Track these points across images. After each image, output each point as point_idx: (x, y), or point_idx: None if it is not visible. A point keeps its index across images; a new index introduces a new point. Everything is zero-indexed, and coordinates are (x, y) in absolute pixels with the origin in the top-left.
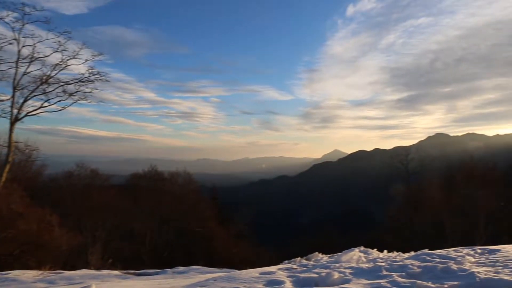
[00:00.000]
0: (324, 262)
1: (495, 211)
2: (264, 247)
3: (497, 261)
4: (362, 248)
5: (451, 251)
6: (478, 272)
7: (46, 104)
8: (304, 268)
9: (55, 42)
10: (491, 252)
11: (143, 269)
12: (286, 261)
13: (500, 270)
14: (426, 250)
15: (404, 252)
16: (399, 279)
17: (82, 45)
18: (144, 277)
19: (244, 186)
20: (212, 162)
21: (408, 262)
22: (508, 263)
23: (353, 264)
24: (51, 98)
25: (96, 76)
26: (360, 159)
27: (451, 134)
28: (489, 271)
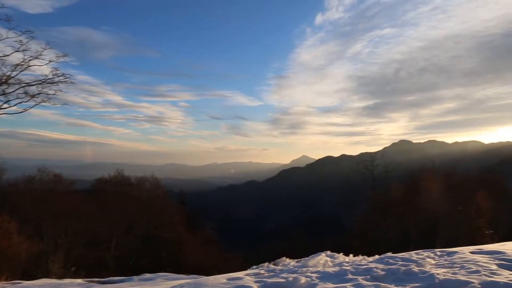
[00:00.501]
0: (292, 267)
1: (454, 215)
2: (232, 252)
3: (455, 263)
4: (328, 252)
5: (413, 254)
6: (438, 274)
7: (5, 105)
8: (272, 273)
9: (16, 41)
10: (449, 254)
11: (108, 276)
12: (254, 266)
13: (457, 271)
14: (389, 254)
15: (369, 255)
16: (364, 282)
17: (45, 45)
18: (109, 285)
19: (212, 191)
20: (180, 167)
21: (372, 265)
22: (465, 264)
23: (319, 269)
24: (11, 99)
25: (61, 77)
26: (327, 165)
27: (414, 141)
28: (447, 272)
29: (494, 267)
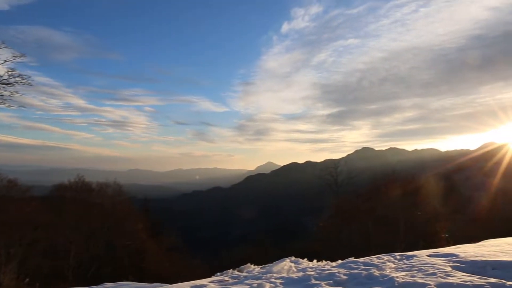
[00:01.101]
0: (256, 273)
1: (413, 219)
2: (197, 259)
3: (413, 266)
4: (293, 258)
5: (374, 258)
6: (397, 277)
7: None
8: (236, 280)
9: None
10: (408, 257)
11: (66, 287)
12: (218, 273)
13: (415, 274)
14: (352, 258)
15: (332, 260)
16: (327, 287)
17: (1, 44)
18: None
19: (177, 197)
20: (144, 173)
21: (335, 270)
22: (422, 267)
23: (284, 274)
24: None
25: (17, 78)
26: (292, 171)
27: (376, 148)
28: (406, 275)
29: (449, 269)
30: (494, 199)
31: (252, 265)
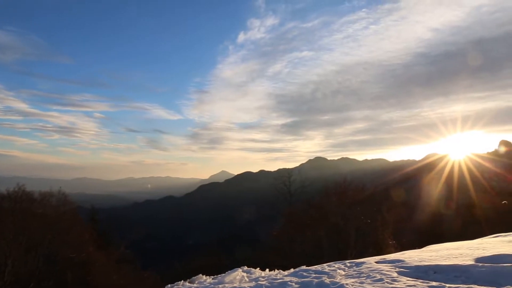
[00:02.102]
0: (207, 284)
1: (363, 227)
2: (148, 271)
3: (362, 273)
4: (245, 268)
5: (325, 266)
6: (347, 284)
7: None
8: None
9: None
10: (358, 265)
11: None
12: (169, 285)
13: (364, 281)
14: (303, 267)
15: (285, 269)
16: None
17: None
18: None
19: (128, 207)
20: (93, 182)
21: (287, 279)
22: (370, 274)
23: (236, 284)
24: None
25: None
26: (246, 180)
27: (329, 158)
28: (356, 282)
29: (395, 274)
30: (436, 207)
31: (204, 276)
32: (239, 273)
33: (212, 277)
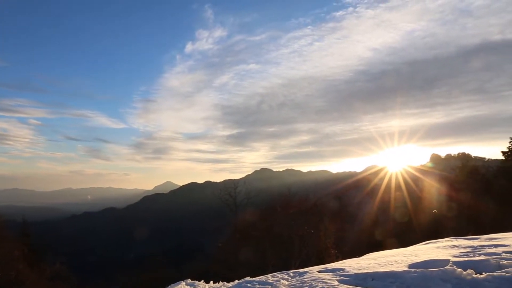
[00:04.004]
0: None
1: (306, 237)
2: (86, 287)
3: (305, 282)
4: (189, 280)
5: (269, 277)
6: None
7: None
8: None
9: None
10: (301, 274)
11: None
12: None
13: None
14: (248, 278)
15: (229, 281)
16: None
17: None
18: None
19: (65, 219)
20: (26, 193)
21: None
22: (313, 283)
23: None
24: None
25: None
26: (192, 191)
27: (274, 169)
28: None
29: (336, 282)
30: (375, 216)
31: None
32: (182, 286)
33: None
